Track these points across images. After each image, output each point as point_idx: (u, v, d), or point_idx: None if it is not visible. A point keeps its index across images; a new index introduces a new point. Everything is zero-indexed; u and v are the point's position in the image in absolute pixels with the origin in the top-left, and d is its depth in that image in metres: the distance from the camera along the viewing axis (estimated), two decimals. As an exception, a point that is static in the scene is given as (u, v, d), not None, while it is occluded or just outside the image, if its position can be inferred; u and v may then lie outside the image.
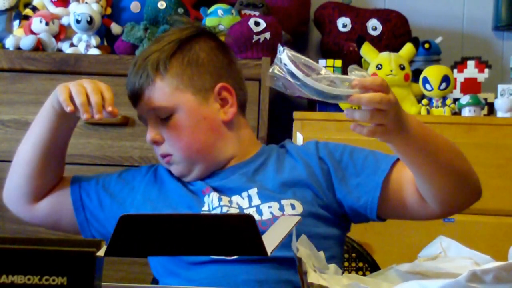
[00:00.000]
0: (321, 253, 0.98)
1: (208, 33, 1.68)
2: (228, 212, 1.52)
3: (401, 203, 1.52)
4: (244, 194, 1.55)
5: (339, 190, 1.56)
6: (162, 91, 1.57)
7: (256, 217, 1.50)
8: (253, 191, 1.55)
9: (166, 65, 1.57)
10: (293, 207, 1.53)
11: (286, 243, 0.95)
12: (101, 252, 0.82)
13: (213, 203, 1.54)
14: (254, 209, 1.52)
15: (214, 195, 1.55)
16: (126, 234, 0.85)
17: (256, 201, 1.54)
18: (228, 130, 1.61)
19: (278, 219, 0.96)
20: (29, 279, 0.79)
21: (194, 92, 1.58)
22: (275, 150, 1.65)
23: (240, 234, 0.85)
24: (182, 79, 1.57)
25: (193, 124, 1.57)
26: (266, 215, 1.51)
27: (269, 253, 0.84)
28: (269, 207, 1.52)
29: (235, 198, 1.55)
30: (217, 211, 1.53)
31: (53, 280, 0.80)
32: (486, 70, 2.59)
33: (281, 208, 1.52)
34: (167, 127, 1.57)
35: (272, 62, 2.43)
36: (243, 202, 1.54)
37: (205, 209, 1.55)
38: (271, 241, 0.87)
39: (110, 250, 0.84)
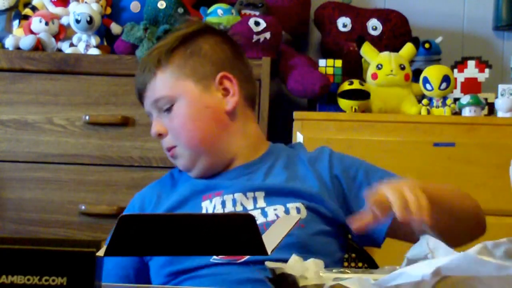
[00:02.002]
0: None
1: (213, 29, 1.68)
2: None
3: (409, 232, 1.49)
4: (250, 194, 1.53)
5: (354, 208, 1.55)
6: (164, 82, 1.57)
7: (261, 219, 1.49)
8: (260, 194, 1.53)
9: (168, 57, 1.57)
10: (298, 210, 1.51)
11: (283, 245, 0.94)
12: (101, 252, 0.82)
13: (215, 209, 1.52)
14: (259, 211, 1.51)
15: (217, 200, 1.53)
16: (126, 234, 0.85)
17: (261, 203, 1.52)
18: (232, 121, 1.60)
19: (278, 219, 0.96)
20: (28, 280, 0.79)
21: (195, 80, 1.57)
22: (285, 152, 1.63)
23: (240, 233, 0.85)
24: (184, 68, 1.57)
25: (195, 112, 1.56)
26: (271, 217, 1.49)
27: (269, 253, 0.84)
28: (275, 209, 1.50)
29: (239, 197, 1.52)
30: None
31: (53, 281, 0.79)
32: (487, 70, 2.59)
33: (287, 211, 1.50)
34: (170, 118, 1.57)
35: (272, 62, 2.44)
36: (247, 203, 1.52)
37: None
38: (271, 241, 0.87)
39: (110, 250, 0.84)
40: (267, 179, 1.57)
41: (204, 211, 1.53)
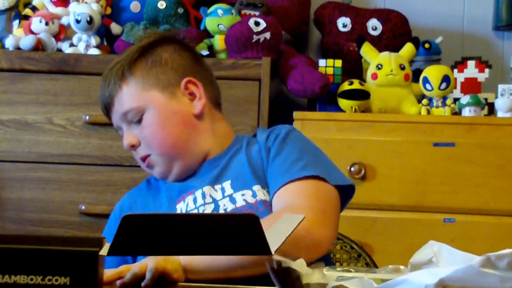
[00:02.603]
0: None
1: (171, 38, 1.71)
2: (205, 209, 1.53)
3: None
4: (218, 186, 1.56)
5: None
6: (130, 94, 1.60)
7: (230, 206, 1.52)
8: (227, 183, 1.56)
9: (130, 69, 1.60)
10: (264, 193, 1.53)
11: None
12: (103, 252, 0.81)
13: (188, 207, 1.56)
14: (228, 198, 1.54)
15: (189, 199, 1.57)
16: (129, 234, 0.85)
17: (229, 190, 1.55)
18: (201, 123, 1.63)
19: (282, 217, 0.96)
20: (32, 279, 0.79)
21: (161, 89, 1.60)
22: (246, 138, 1.66)
23: (243, 233, 0.85)
24: (147, 79, 1.60)
25: (165, 119, 1.59)
26: (240, 202, 1.52)
27: (273, 252, 0.84)
28: (242, 194, 1.53)
29: (208, 189, 1.56)
30: (194, 211, 1.55)
31: (56, 280, 0.79)
32: (486, 70, 2.59)
33: (254, 194, 1.53)
34: (140, 128, 1.60)
35: (272, 62, 2.44)
36: (216, 194, 1.55)
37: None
38: (274, 239, 0.87)
39: (112, 249, 0.84)
40: (231, 165, 1.60)
41: (179, 212, 1.56)
